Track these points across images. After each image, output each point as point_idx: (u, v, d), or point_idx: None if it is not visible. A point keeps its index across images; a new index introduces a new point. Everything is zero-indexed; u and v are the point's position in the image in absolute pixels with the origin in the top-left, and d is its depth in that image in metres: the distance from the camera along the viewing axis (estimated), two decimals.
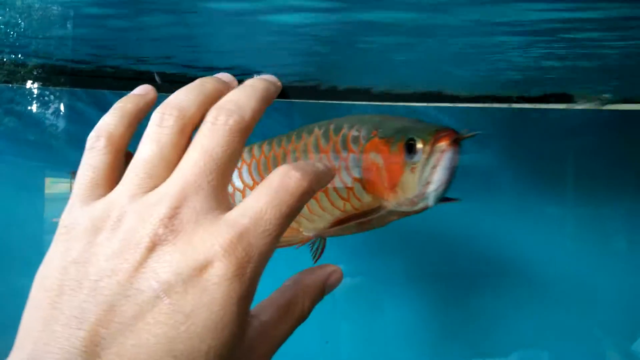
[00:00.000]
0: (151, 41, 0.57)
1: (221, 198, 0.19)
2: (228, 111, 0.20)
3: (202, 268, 0.17)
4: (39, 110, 0.75)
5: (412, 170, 0.32)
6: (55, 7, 0.49)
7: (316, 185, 0.20)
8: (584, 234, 0.89)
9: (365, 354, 0.87)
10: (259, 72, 0.23)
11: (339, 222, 0.39)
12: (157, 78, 0.62)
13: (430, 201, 0.33)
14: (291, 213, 0.19)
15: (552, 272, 0.88)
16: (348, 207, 0.38)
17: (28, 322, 0.18)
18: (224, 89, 0.21)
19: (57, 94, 0.73)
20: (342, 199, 0.38)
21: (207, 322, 0.17)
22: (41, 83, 0.73)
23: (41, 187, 0.70)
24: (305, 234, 0.42)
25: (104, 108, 0.21)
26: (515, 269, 0.88)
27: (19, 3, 0.49)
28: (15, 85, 0.75)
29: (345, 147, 0.36)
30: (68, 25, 0.53)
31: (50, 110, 0.74)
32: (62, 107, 0.74)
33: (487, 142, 0.85)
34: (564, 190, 0.88)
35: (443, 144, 0.31)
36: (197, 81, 0.21)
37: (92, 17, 0.49)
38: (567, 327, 0.87)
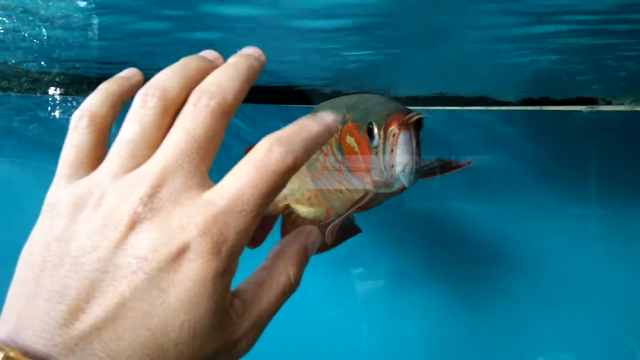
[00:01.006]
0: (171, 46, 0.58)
1: (202, 178, 0.19)
2: (210, 93, 0.20)
3: (179, 246, 0.18)
4: (62, 117, 0.78)
5: (376, 153, 0.33)
6: (76, 15, 0.50)
7: (304, 157, 0.20)
8: (608, 234, 0.86)
9: (387, 356, 0.86)
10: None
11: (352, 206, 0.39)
12: None
13: (405, 182, 0.33)
14: (272, 191, 0.19)
15: (576, 273, 0.85)
16: (344, 191, 0.38)
17: (13, 297, 0.18)
18: (208, 68, 0.21)
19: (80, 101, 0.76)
20: (337, 181, 0.38)
21: (181, 298, 0.17)
22: (64, 91, 0.76)
23: None
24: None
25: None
26: (538, 270, 0.85)
27: (42, 12, 0.51)
28: (38, 93, 0.78)
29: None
30: (90, 34, 0.55)
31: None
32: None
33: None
34: (587, 190, 0.86)
35: (393, 128, 0.31)
36: (181, 61, 0.21)
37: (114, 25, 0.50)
38: (592, 329, 0.84)
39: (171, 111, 0.20)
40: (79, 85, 0.76)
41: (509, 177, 0.87)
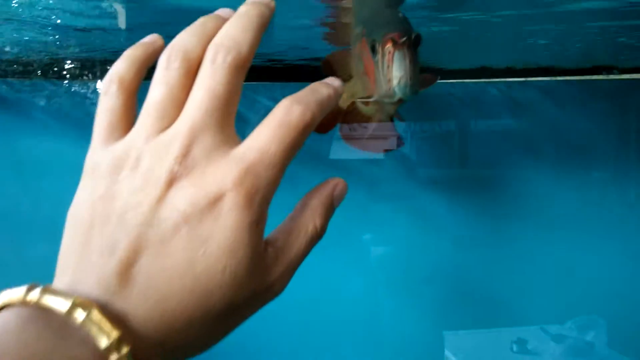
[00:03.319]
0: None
1: (228, 133, 0.20)
2: (226, 48, 0.21)
3: (215, 199, 0.19)
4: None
5: (377, 68, 0.36)
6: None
7: (319, 115, 0.21)
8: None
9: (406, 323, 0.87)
10: None
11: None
12: None
13: (400, 94, 0.36)
14: (295, 145, 0.20)
15: (608, 236, 0.84)
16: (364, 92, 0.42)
17: (65, 254, 0.20)
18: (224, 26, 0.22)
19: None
20: (365, 84, 0.42)
21: (221, 245, 0.19)
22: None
23: None
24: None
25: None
26: (567, 235, 0.85)
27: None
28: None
29: (354, 42, 0.41)
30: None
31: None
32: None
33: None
34: (610, 155, 0.84)
35: (389, 46, 0.35)
36: (198, 21, 0.22)
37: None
38: (621, 292, 0.84)
39: (194, 70, 0.21)
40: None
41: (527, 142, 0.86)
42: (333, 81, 0.23)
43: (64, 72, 0.79)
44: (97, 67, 0.78)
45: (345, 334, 0.86)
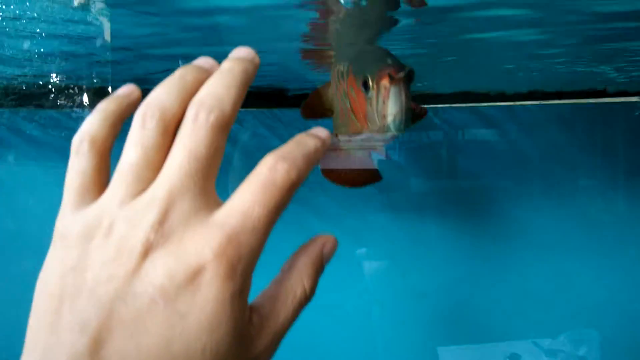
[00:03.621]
0: None
1: (208, 196, 0.19)
2: (208, 107, 0.19)
3: (195, 271, 0.18)
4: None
5: (370, 104, 0.36)
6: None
7: (306, 171, 0.20)
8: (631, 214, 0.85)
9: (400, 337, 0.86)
10: None
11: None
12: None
13: (394, 130, 0.36)
14: (280, 206, 0.19)
15: (597, 251, 0.84)
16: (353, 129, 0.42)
17: (35, 329, 0.19)
18: (204, 78, 0.21)
19: None
20: (351, 121, 0.42)
21: (201, 322, 0.17)
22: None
23: None
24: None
25: None
26: (558, 248, 0.85)
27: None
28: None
29: (338, 80, 0.41)
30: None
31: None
32: None
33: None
34: (602, 169, 0.85)
35: (384, 82, 0.34)
36: (177, 73, 0.21)
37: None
38: (614, 305, 0.84)
39: (172, 129, 0.20)
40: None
41: (519, 155, 0.86)
42: (319, 132, 0.22)
43: (48, 101, 0.78)
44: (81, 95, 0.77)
45: (338, 349, 0.85)
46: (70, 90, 0.73)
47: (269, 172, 0.19)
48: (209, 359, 0.18)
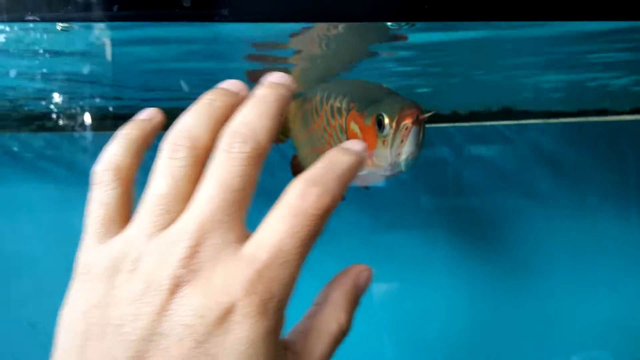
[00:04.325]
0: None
1: (240, 231, 0.18)
2: (243, 136, 0.18)
3: (225, 309, 0.17)
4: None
5: (384, 142, 0.35)
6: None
7: (340, 194, 0.19)
8: None
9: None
10: None
11: None
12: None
13: (404, 168, 0.36)
14: (313, 236, 0.18)
15: (611, 268, 0.83)
16: None
17: None
18: (235, 103, 0.20)
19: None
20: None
21: None
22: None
23: None
24: None
25: None
26: (569, 266, 0.84)
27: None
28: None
29: (332, 116, 0.40)
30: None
31: None
32: None
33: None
34: (615, 188, 0.84)
35: (407, 122, 0.34)
36: (205, 100, 0.20)
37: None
38: (628, 325, 0.82)
39: (202, 160, 0.19)
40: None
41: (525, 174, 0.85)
42: (354, 145, 0.20)
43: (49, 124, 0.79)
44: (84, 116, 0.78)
45: None
46: (72, 111, 0.74)
47: (299, 199, 0.18)
48: None
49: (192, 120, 0.19)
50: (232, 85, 0.21)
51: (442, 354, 0.86)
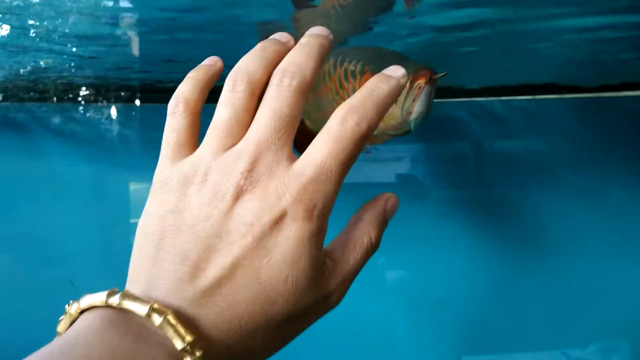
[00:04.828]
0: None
1: (289, 151, 0.22)
2: (291, 73, 0.22)
3: (278, 213, 0.20)
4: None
5: (396, 102, 0.36)
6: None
7: (377, 120, 0.22)
8: None
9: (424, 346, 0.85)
10: None
11: None
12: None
13: (413, 127, 0.38)
14: (351, 157, 0.21)
15: (631, 258, 0.82)
16: None
17: (137, 263, 0.21)
18: (283, 50, 0.24)
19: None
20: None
21: (284, 255, 0.20)
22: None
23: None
24: None
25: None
26: (587, 256, 0.83)
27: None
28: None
29: (346, 79, 0.42)
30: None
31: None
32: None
33: None
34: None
35: (421, 82, 0.35)
36: (259, 46, 0.24)
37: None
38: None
39: (257, 93, 0.23)
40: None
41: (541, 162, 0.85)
42: (394, 71, 0.23)
43: (79, 98, 0.82)
44: (110, 92, 0.82)
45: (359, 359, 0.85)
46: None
47: (340, 125, 0.21)
48: (290, 288, 0.20)
49: (249, 62, 0.23)
50: (281, 36, 0.25)
51: (457, 340, 0.87)
